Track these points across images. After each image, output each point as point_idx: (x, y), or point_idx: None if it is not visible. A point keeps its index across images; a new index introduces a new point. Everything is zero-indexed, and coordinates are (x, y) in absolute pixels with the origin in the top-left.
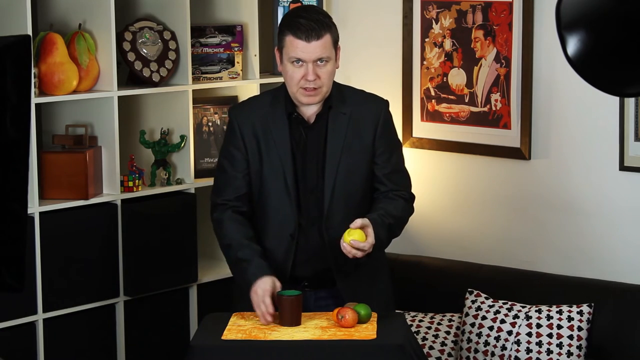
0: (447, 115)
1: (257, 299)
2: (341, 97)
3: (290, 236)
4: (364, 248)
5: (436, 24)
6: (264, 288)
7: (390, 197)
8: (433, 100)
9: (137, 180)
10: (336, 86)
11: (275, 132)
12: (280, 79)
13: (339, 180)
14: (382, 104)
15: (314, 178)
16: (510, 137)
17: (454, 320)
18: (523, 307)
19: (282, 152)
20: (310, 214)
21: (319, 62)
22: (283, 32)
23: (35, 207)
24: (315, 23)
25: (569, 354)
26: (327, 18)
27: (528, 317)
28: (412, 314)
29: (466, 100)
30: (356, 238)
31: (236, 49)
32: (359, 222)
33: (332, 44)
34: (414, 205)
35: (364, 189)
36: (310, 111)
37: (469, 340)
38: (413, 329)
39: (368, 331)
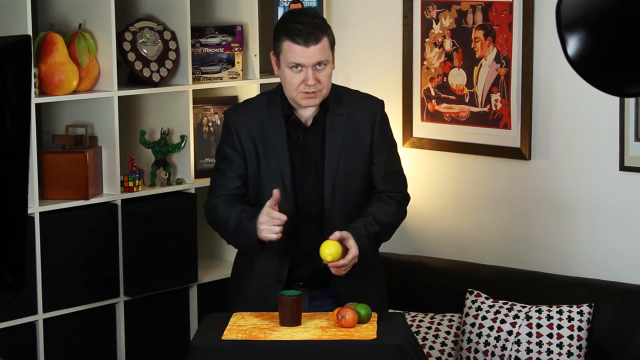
0: (447, 115)
1: (264, 228)
2: (338, 98)
3: (288, 240)
4: (343, 265)
5: (436, 24)
6: (259, 220)
7: (383, 200)
8: (433, 101)
9: (137, 180)
10: (332, 87)
11: (273, 135)
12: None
13: (339, 182)
14: (378, 104)
15: (312, 180)
16: (510, 137)
17: (454, 320)
18: (523, 307)
19: (280, 155)
20: (309, 214)
21: (317, 66)
22: (280, 37)
23: (35, 207)
24: (313, 27)
25: (569, 354)
26: (323, 21)
27: (528, 317)
28: (412, 314)
29: (466, 101)
30: (332, 251)
31: (236, 49)
32: (337, 234)
33: (330, 47)
34: (411, 205)
35: (363, 189)
36: (307, 113)
37: (469, 340)
38: (413, 329)
39: (368, 331)
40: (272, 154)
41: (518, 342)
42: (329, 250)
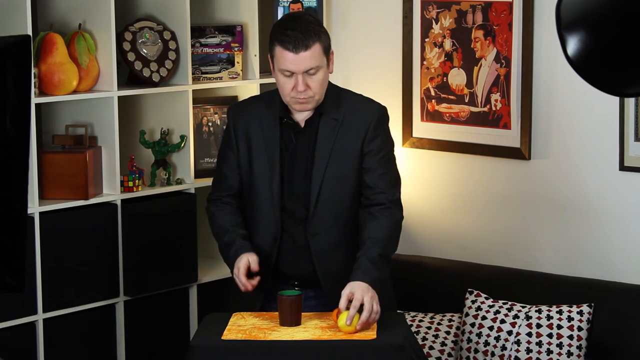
0: (447, 115)
1: (235, 277)
2: (336, 102)
3: (273, 239)
4: (364, 318)
5: (436, 24)
6: (237, 266)
7: (370, 218)
8: (433, 100)
9: (137, 180)
10: (334, 90)
11: (267, 136)
12: None
13: (325, 186)
14: (376, 109)
15: (301, 182)
16: (510, 137)
17: (454, 320)
18: (523, 307)
19: (271, 156)
20: (297, 216)
21: (309, 72)
22: (272, 42)
23: (35, 207)
24: (303, 34)
25: (569, 354)
26: (317, 27)
27: (528, 317)
28: (412, 314)
29: (466, 101)
30: (343, 324)
31: (236, 49)
32: (341, 303)
33: (323, 52)
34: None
35: (353, 196)
36: (301, 116)
37: (469, 340)
38: (413, 329)
39: (368, 331)
40: (264, 154)
41: (518, 342)
42: (342, 323)
